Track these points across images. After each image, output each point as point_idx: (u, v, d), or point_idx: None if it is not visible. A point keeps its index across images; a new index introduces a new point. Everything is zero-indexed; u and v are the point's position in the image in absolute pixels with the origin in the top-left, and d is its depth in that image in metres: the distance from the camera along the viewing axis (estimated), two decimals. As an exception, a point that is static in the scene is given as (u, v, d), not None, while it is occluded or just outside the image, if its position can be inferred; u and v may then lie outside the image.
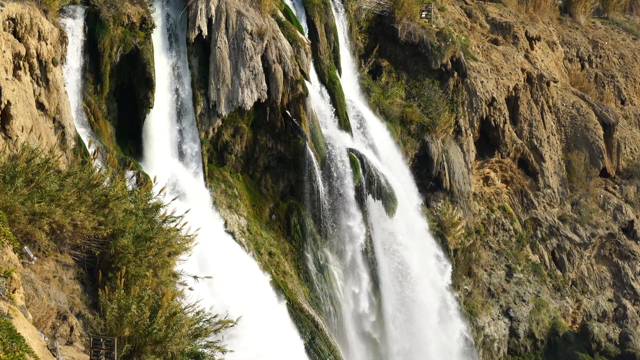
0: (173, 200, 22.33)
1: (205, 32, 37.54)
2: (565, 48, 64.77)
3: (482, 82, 52.58)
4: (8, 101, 25.99)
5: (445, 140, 49.25)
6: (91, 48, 34.23)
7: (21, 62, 28.30)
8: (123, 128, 35.95)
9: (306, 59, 40.79)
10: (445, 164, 48.58)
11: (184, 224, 21.22)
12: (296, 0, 44.55)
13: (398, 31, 49.10)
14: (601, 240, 57.00)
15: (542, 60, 59.64)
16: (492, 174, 54.85)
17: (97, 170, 20.58)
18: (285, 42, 39.89)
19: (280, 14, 41.61)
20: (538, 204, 55.83)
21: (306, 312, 38.19)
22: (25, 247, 17.51)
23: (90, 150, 24.93)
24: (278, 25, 40.47)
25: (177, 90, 37.55)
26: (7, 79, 26.40)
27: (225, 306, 24.78)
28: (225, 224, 37.94)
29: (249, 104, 38.24)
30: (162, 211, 21.24)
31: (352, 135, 43.92)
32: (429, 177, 48.30)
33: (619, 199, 58.93)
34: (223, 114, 38.05)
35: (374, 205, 42.50)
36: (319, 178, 40.47)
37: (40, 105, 29.35)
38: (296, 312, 37.89)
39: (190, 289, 20.60)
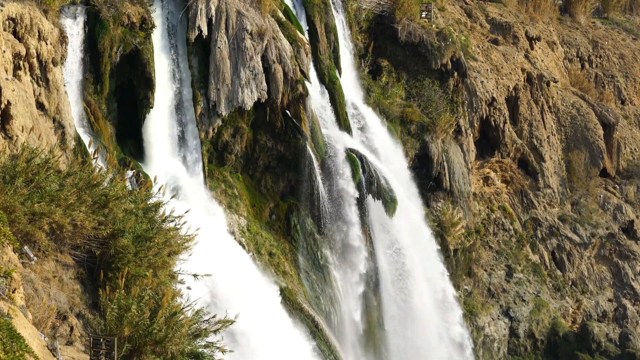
0: (171, 198, 22.32)
1: (205, 32, 37.53)
2: (565, 48, 64.77)
3: (482, 82, 52.58)
4: (8, 101, 25.99)
5: (445, 140, 49.23)
6: (91, 48, 34.22)
7: (21, 62, 28.30)
8: (123, 128, 35.94)
9: (306, 59, 40.78)
10: (445, 164, 48.57)
11: (183, 222, 21.22)
12: (296, 0, 44.55)
13: (398, 31, 49.08)
14: (601, 240, 56.99)
15: (542, 60, 59.63)
16: (492, 174, 54.83)
17: (97, 170, 20.56)
18: (285, 42, 39.88)
19: (280, 14, 41.60)
20: (538, 204, 55.82)
21: (306, 312, 38.18)
22: (25, 247, 17.50)
23: (90, 150, 24.92)
24: (278, 25, 40.46)
25: (177, 90, 37.55)
26: (7, 79, 26.40)
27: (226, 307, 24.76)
28: (225, 224, 37.93)
29: (249, 104, 38.23)
30: (162, 211, 21.22)
31: (352, 135, 43.92)
32: (429, 177, 48.27)
33: (619, 199, 58.92)
34: (223, 114, 38.04)
35: (374, 206, 42.50)
36: (319, 178, 40.46)
37: (40, 105, 29.34)
38: (296, 312, 37.88)
39: (188, 287, 20.60)
